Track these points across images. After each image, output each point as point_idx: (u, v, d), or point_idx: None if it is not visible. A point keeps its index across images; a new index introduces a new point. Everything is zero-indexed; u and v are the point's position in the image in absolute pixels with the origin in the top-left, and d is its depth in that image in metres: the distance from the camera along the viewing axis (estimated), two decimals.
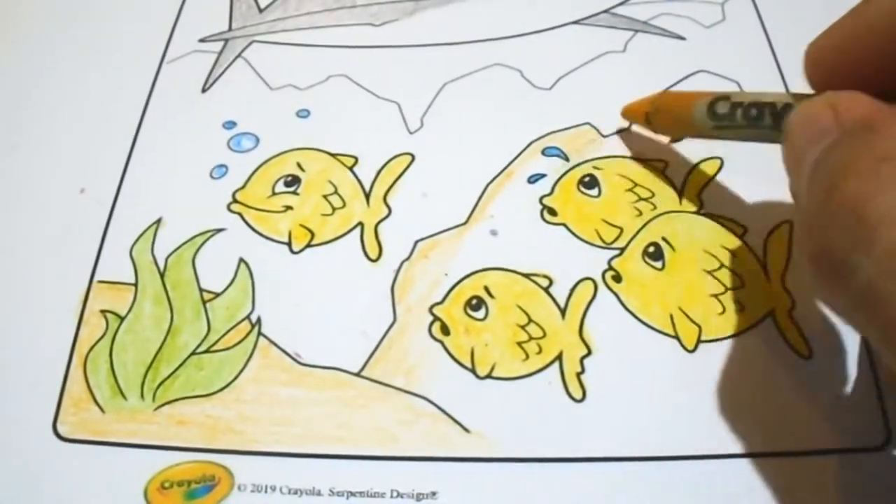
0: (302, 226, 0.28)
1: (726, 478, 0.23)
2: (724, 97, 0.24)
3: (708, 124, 0.25)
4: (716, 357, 0.25)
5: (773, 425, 0.24)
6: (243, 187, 0.29)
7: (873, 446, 0.23)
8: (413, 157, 0.30)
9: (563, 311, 0.26)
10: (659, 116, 0.28)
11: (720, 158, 0.29)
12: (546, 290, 0.26)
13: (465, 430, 0.24)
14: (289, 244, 0.28)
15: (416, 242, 0.28)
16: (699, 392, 0.24)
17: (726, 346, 0.25)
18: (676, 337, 0.25)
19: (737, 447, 0.23)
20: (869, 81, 0.19)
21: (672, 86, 0.31)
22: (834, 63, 0.21)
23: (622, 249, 0.27)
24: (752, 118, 0.23)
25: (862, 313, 0.17)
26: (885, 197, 0.16)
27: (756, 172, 0.28)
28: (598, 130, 0.30)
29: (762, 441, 0.23)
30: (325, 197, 0.29)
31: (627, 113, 0.29)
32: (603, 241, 0.27)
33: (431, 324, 0.26)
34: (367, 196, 0.29)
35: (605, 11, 0.34)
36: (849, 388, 0.24)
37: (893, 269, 0.15)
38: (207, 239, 0.28)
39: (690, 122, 0.25)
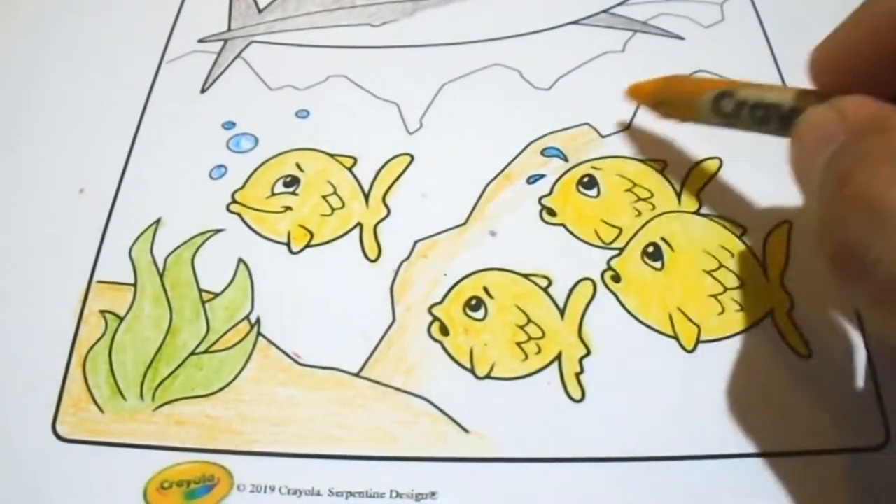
0: (301, 226, 0.28)
1: (725, 478, 0.23)
2: (729, 92, 0.24)
3: (713, 119, 0.25)
4: (715, 357, 0.25)
5: (772, 425, 0.24)
6: (242, 187, 0.29)
7: (872, 446, 0.23)
8: (412, 157, 0.30)
9: (562, 312, 0.26)
10: (664, 106, 0.28)
11: (719, 158, 0.29)
12: (545, 290, 0.26)
13: (465, 430, 0.24)
14: (288, 244, 0.28)
15: (416, 243, 0.28)
16: (698, 392, 0.24)
17: (725, 346, 0.25)
18: (675, 337, 0.25)
19: (736, 447, 0.23)
20: (876, 84, 0.19)
21: None
22: (839, 68, 0.21)
23: (621, 249, 0.27)
24: (759, 119, 0.23)
25: (885, 307, 0.16)
26: None
27: (755, 172, 0.28)
28: (597, 131, 0.30)
29: (761, 441, 0.23)
30: (324, 197, 0.29)
31: (634, 92, 0.29)
32: (602, 241, 0.27)
33: (430, 324, 0.26)
34: (367, 196, 0.29)
35: (604, 11, 0.34)
36: (848, 388, 0.24)
37: None
38: (207, 239, 0.28)
39: (696, 114, 0.25)
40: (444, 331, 0.26)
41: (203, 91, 0.32)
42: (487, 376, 0.25)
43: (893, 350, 0.24)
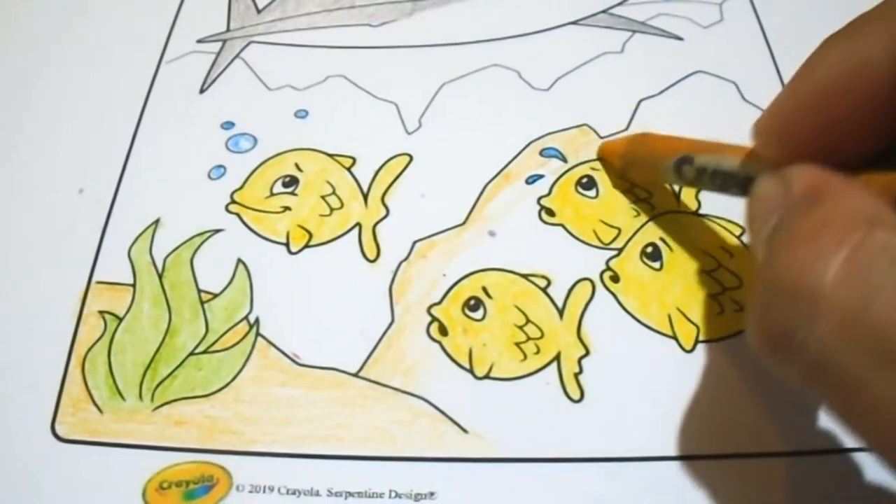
0: (300, 226, 0.28)
1: (724, 478, 0.23)
2: (689, 158, 0.24)
3: (678, 182, 0.25)
4: (714, 357, 0.25)
5: (772, 425, 0.24)
6: (241, 188, 0.29)
7: None
8: (411, 157, 0.30)
9: (561, 312, 0.26)
10: (631, 170, 0.28)
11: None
12: (544, 290, 0.26)
13: (464, 430, 0.24)
14: (287, 245, 0.28)
15: (415, 243, 0.28)
16: (697, 392, 0.24)
17: (724, 346, 0.25)
18: (674, 337, 0.25)
19: (735, 447, 0.23)
20: (830, 149, 0.19)
21: (670, 86, 0.31)
22: (783, 138, 0.20)
23: (620, 250, 0.27)
24: (719, 185, 0.23)
25: (818, 387, 0.16)
26: (822, 264, 0.16)
27: None
28: (595, 131, 0.30)
29: (760, 441, 0.23)
30: (323, 197, 0.29)
31: (604, 150, 0.29)
32: (601, 241, 0.27)
33: (429, 324, 0.26)
34: (366, 196, 0.29)
35: (603, 12, 0.34)
36: None
37: (839, 338, 0.15)
38: (206, 239, 0.28)
39: (660, 177, 0.26)
40: (443, 331, 0.26)
41: (202, 91, 0.32)
42: (486, 376, 0.25)
43: None
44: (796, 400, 0.24)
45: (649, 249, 0.27)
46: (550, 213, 0.28)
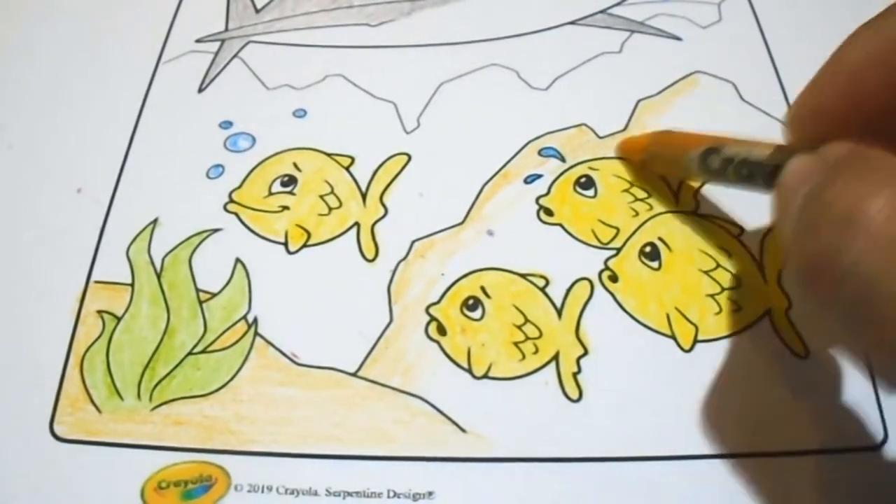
0: (298, 226, 0.28)
1: (723, 478, 0.23)
2: (716, 149, 0.24)
3: (701, 176, 0.25)
4: (712, 357, 0.25)
5: (770, 425, 0.24)
6: (240, 187, 0.29)
7: (870, 445, 0.23)
8: (409, 157, 0.30)
9: (559, 311, 0.26)
10: (653, 162, 0.28)
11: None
12: (542, 290, 0.26)
13: (462, 430, 0.24)
14: (285, 244, 0.28)
15: (413, 242, 0.28)
16: (696, 392, 0.24)
17: (723, 345, 0.25)
18: (673, 337, 0.25)
19: (733, 447, 0.23)
20: (863, 130, 0.19)
21: (668, 87, 0.31)
22: (823, 117, 0.20)
23: (618, 249, 0.27)
24: (744, 176, 0.23)
25: (858, 312, 0.16)
26: (872, 196, 0.16)
27: None
28: (594, 131, 0.30)
29: (759, 441, 0.24)
30: (321, 197, 0.29)
31: (624, 146, 0.29)
32: (599, 241, 0.27)
33: (428, 324, 0.26)
34: (364, 196, 0.29)
35: (602, 12, 0.34)
36: (846, 387, 0.24)
37: (886, 261, 0.15)
38: (204, 239, 0.28)
39: (683, 170, 0.26)
40: (442, 330, 0.26)
41: (200, 91, 0.32)
42: (485, 376, 0.25)
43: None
44: (794, 399, 0.24)
45: (648, 249, 0.27)
46: (549, 212, 0.28)
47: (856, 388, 0.24)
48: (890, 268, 0.15)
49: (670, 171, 0.28)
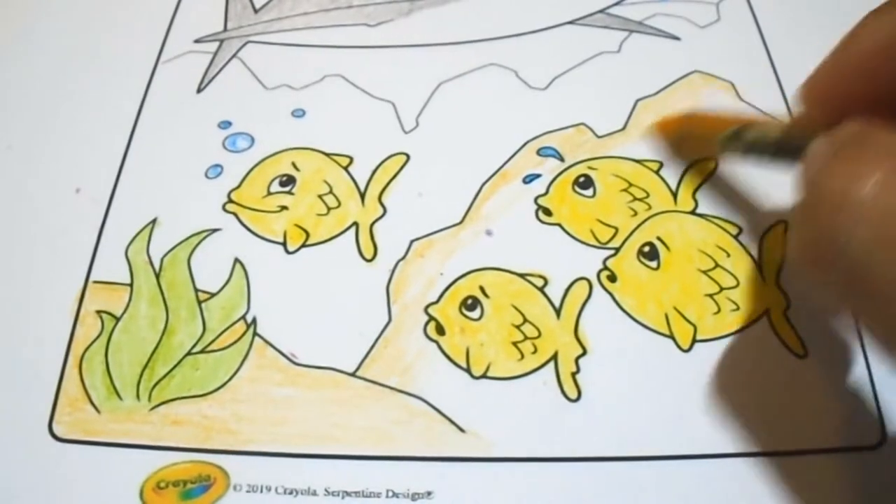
0: (297, 226, 0.28)
1: (722, 477, 0.23)
2: (750, 125, 0.24)
3: (732, 150, 0.25)
4: (711, 357, 0.25)
5: (769, 425, 0.24)
6: (238, 187, 0.29)
7: (868, 445, 0.23)
8: (408, 156, 0.30)
9: (558, 311, 0.26)
10: (685, 142, 0.28)
11: (715, 158, 0.29)
12: (541, 289, 0.26)
13: (461, 429, 0.24)
14: (284, 244, 0.28)
15: (412, 242, 0.28)
16: (694, 392, 0.24)
17: (721, 345, 0.25)
18: (671, 336, 0.25)
19: (732, 447, 0.23)
20: (873, 112, 0.19)
21: (667, 86, 0.31)
22: (833, 98, 0.21)
23: (617, 249, 0.27)
24: (773, 152, 0.23)
25: (855, 288, 0.17)
26: (864, 178, 0.16)
27: (751, 173, 0.28)
28: (592, 131, 0.30)
29: (757, 441, 0.24)
30: (320, 197, 0.29)
31: (660, 127, 0.29)
32: (598, 240, 0.27)
33: (427, 324, 0.26)
34: (363, 196, 0.29)
35: (600, 11, 0.34)
36: (844, 387, 0.24)
37: (877, 241, 0.16)
38: (203, 239, 0.28)
39: (719, 146, 0.26)
40: (441, 330, 0.26)
41: (199, 91, 0.32)
42: (483, 376, 0.25)
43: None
44: (792, 399, 0.24)
45: (646, 249, 0.27)
46: (547, 212, 0.28)
47: (854, 388, 0.24)
48: (883, 243, 0.16)
49: (701, 150, 0.28)
